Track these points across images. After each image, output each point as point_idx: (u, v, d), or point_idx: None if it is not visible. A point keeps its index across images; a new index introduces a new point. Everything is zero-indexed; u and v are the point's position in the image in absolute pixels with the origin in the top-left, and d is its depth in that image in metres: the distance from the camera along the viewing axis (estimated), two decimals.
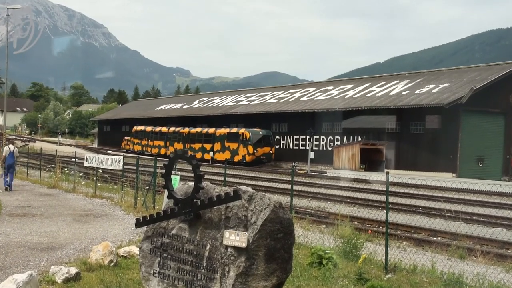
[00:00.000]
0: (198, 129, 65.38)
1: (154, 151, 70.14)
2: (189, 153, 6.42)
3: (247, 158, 56.87)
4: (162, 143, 70.67)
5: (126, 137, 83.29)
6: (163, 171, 6.90)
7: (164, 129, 71.60)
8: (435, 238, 15.95)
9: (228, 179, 25.74)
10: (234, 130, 60.15)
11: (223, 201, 6.08)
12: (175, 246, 6.54)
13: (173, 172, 13.63)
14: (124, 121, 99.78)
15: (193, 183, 6.50)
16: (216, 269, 6.07)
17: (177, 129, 69.05)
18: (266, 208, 5.94)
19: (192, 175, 6.37)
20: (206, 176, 6.69)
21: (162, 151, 68.81)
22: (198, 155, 61.71)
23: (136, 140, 77.14)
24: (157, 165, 19.69)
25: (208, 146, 62.56)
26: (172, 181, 7.00)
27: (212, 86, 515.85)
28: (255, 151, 56.73)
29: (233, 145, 58.88)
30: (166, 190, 6.93)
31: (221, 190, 6.46)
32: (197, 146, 64.04)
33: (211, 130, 62.92)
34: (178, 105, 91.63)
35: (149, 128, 74.85)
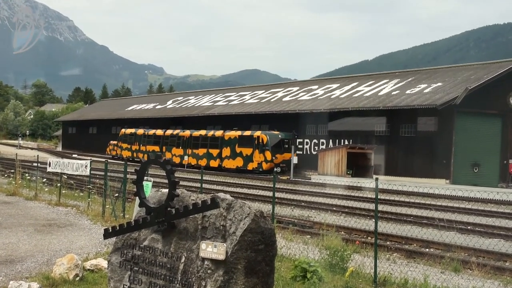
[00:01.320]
0: (202, 132, 61.44)
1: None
2: (192, 160, 6.43)
3: (264, 166, 52.88)
4: (157, 148, 66.63)
5: (112, 142, 79.76)
6: (134, 176, 6.87)
7: (159, 131, 68.05)
8: (427, 250, 16.04)
9: (205, 185, 25.68)
10: (248, 132, 56.07)
11: (199, 210, 6.06)
12: (147, 259, 6.50)
13: (145, 178, 13.55)
14: (91, 122, 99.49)
15: (166, 190, 6.47)
16: (191, 283, 6.04)
17: (176, 131, 65.38)
18: (246, 217, 5.93)
19: (166, 181, 6.35)
20: (181, 183, 6.67)
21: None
22: (203, 162, 58.49)
23: (124, 145, 73.53)
24: (128, 170, 19.59)
25: (214, 152, 58.71)
26: (144, 188, 6.97)
27: (187, 84, 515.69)
28: (273, 157, 52.70)
29: (247, 151, 54.97)
30: (137, 198, 6.88)
31: (197, 198, 6.44)
32: (201, 151, 60.34)
33: (219, 132, 59.08)
34: (151, 105, 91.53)
35: (140, 131, 71.34)
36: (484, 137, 47.83)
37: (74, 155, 71.03)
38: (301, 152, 56.46)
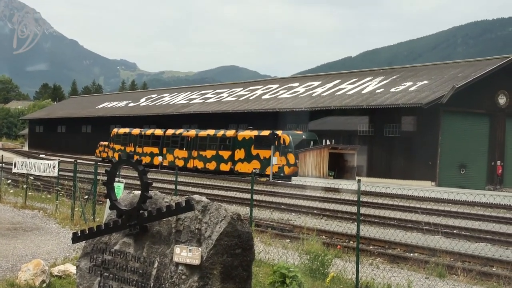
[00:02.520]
0: (211, 131, 57.69)
1: (145, 161, 60.76)
2: (198, 163, 6.43)
3: (287, 170, 49.62)
4: (156, 150, 62.85)
5: (102, 142, 74.84)
6: (106, 178, 6.87)
7: (158, 131, 64.07)
8: (411, 254, 16.15)
9: (179, 187, 25.64)
10: (266, 132, 51.88)
11: (173, 212, 6.07)
12: (118, 264, 6.50)
13: (117, 179, 13.51)
14: (60, 120, 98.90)
15: (139, 192, 6.48)
16: None
17: (178, 131, 61.43)
18: (222, 221, 5.95)
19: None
20: (154, 184, 6.68)
21: (156, 160, 61.64)
22: (211, 166, 55.83)
23: (117, 146, 68.84)
24: (99, 171, 19.52)
25: (226, 154, 54.98)
26: (116, 190, 6.97)
27: (162, 81, 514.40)
28: (297, 161, 49.23)
29: (265, 153, 51.09)
30: (108, 200, 6.89)
31: (171, 200, 6.46)
32: (209, 153, 56.52)
33: (230, 132, 55.58)
34: (123, 103, 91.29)
35: (136, 131, 67.48)
36: (471, 138, 48.23)
37: (41, 155, 70.47)
38: None
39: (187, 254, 5.91)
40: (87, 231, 6.81)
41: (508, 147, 50.12)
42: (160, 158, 60.76)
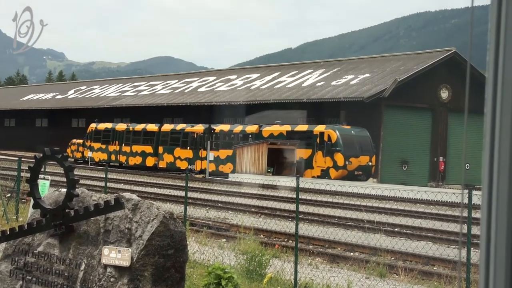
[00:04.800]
0: (225, 127, 51.35)
1: (135, 161, 56.96)
2: (210, 165, 6.25)
3: (333, 173, 43.37)
4: (149, 148, 55.73)
5: (75, 140, 65.05)
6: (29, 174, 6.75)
7: (151, 127, 56.74)
8: (352, 254, 16.35)
9: (109, 184, 25.36)
10: (303, 127, 46.86)
11: (101, 211, 6.01)
12: (41, 267, 6.39)
13: (42, 176, 13.27)
14: None
15: (65, 190, 6.39)
16: None
17: (179, 127, 54.24)
18: (154, 220, 5.92)
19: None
20: (83, 181, 6.60)
21: (150, 161, 55.41)
22: (226, 168, 48.48)
23: (96, 145, 60.71)
24: (23, 167, 19.17)
25: None
26: (40, 188, 6.86)
27: (92, 72, 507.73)
28: (346, 162, 43.14)
29: (302, 153, 45.65)
30: (32, 199, 6.77)
31: (99, 198, 6.39)
32: (223, 154, 49.43)
33: (252, 128, 49.14)
34: (50, 95, 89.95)
35: (121, 126, 59.93)
36: (413, 133, 49.05)
37: None
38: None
39: (116, 255, 5.86)
40: (8, 232, 6.69)
41: (450, 143, 51.14)
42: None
